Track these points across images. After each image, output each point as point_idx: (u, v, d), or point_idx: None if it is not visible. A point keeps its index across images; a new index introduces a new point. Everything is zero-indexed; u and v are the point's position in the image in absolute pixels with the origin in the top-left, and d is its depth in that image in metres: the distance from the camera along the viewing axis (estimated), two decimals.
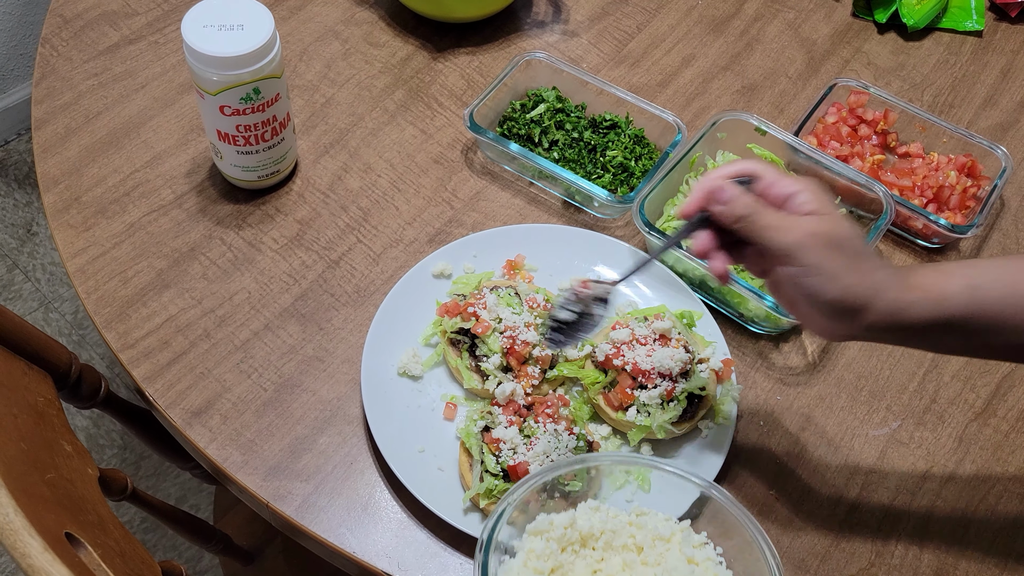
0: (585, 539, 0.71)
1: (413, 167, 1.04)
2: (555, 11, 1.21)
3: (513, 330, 0.84)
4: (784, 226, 0.64)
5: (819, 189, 0.67)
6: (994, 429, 0.89)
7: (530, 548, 0.70)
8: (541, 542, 0.70)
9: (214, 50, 0.84)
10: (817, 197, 0.66)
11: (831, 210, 0.65)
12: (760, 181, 0.67)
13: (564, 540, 0.71)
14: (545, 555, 0.69)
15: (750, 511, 0.82)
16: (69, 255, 0.94)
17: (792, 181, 0.67)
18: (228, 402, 0.86)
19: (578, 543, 0.72)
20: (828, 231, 0.63)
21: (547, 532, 0.71)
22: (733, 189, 0.66)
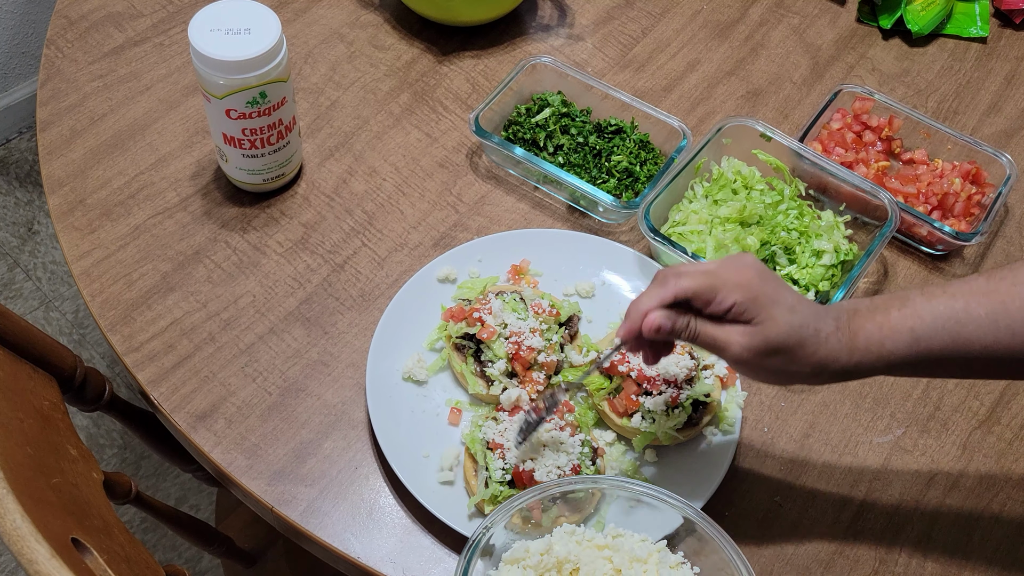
0: (561, 565, 0.71)
1: (418, 171, 1.04)
2: (560, 15, 1.21)
3: (518, 335, 0.84)
4: (720, 345, 0.68)
5: (754, 289, 0.67)
6: (998, 437, 0.89)
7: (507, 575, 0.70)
8: (518, 571, 0.70)
9: (221, 54, 0.84)
10: (750, 304, 0.67)
11: (767, 311, 0.67)
12: (695, 301, 0.69)
13: (540, 567, 0.71)
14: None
15: (754, 517, 0.82)
16: (74, 257, 0.94)
17: (727, 292, 0.67)
18: (233, 406, 0.86)
19: (555, 569, 0.71)
20: (760, 342, 0.67)
21: (523, 560, 0.71)
22: (669, 321, 0.68)
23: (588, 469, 0.79)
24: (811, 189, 1.00)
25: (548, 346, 0.85)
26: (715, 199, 0.98)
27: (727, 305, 0.67)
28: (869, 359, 0.68)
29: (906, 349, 0.67)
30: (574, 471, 0.77)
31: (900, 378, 0.92)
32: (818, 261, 0.93)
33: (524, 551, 0.71)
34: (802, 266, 0.93)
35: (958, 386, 0.92)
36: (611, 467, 0.83)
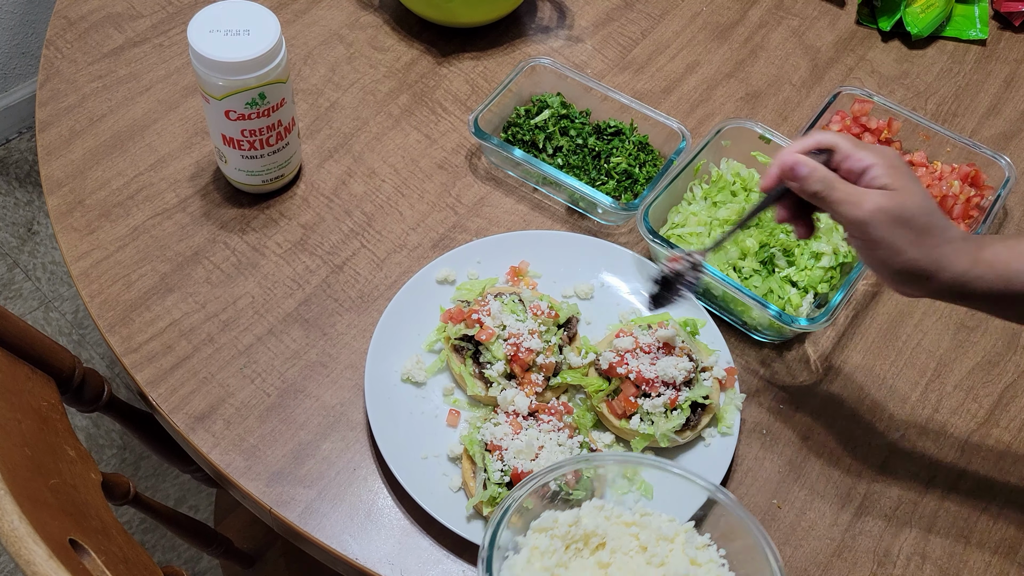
0: (588, 538, 0.72)
1: (417, 172, 1.04)
2: (560, 16, 1.21)
3: (517, 337, 0.84)
4: (852, 201, 0.67)
5: (894, 161, 0.68)
6: (996, 439, 0.89)
7: (534, 545, 0.70)
8: (545, 539, 0.70)
9: (220, 55, 0.84)
10: (890, 170, 0.67)
11: (903, 183, 0.67)
12: (836, 154, 0.69)
13: (568, 538, 0.71)
14: (549, 552, 0.70)
15: None
16: (73, 258, 0.94)
17: (868, 153, 0.68)
18: (231, 407, 0.86)
19: (582, 541, 0.72)
20: (895, 206, 0.66)
21: (551, 529, 0.71)
22: (808, 164, 0.69)
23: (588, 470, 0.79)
24: None
25: (547, 348, 0.85)
26: (714, 201, 0.98)
27: (867, 163, 0.67)
28: (990, 275, 0.67)
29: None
30: (575, 475, 0.77)
31: (899, 380, 0.92)
32: (817, 263, 0.93)
33: (553, 521, 0.71)
34: (801, 268, 0.93)
35: (956, 388, 0.92)
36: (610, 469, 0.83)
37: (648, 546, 0.71)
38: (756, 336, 0.93)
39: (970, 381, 0.92)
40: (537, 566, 0.69)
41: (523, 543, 0.71)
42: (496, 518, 0.69)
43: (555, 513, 0.72)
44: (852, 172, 0.69)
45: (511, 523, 0.71)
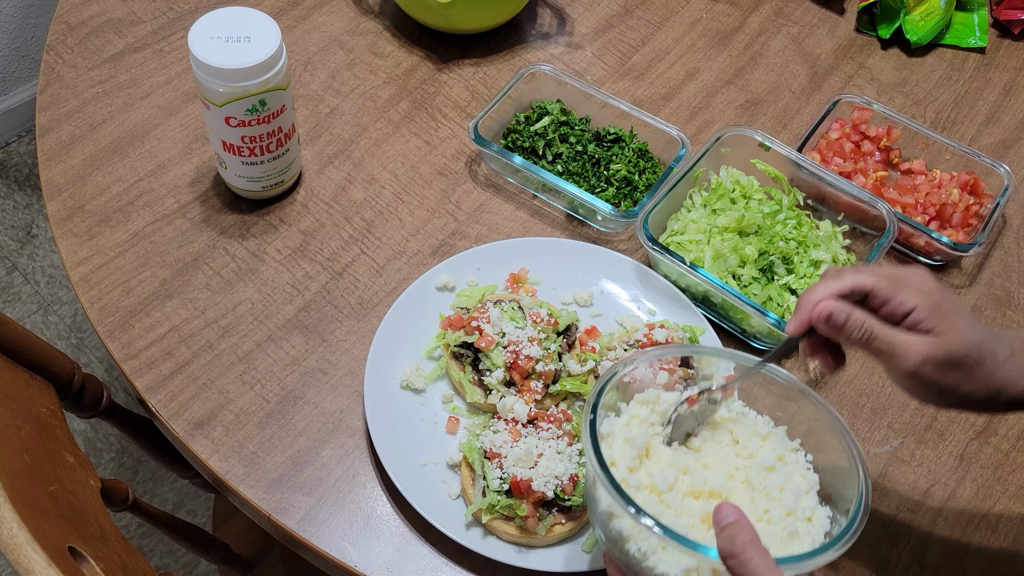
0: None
1: (417, 178, 1.04)
2: (560, 23, 1.21)
3: (516, 344, 0.85)
4: (898, 353, 0.65)
5: (936, 298, 0.65)
6: (995, 448, 0.89)
7: (635, 414, 0.72)
8: (646, 410, 0.73)
9: (220, 62, 0.84)
10: (933, 312, 0.65)
11: (948, 324, 0.65)
12: (874, 297, 0.66)
13: (665, 416, 0.73)
14: (647, 423, 0.72)
15: None
16: (73, 264, 0.94)
17: (908, 295, 0.65)
18: (231, 414, 0.86)
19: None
20: (943, 354, 0.64)
21: (653, 404, 0.73)
22: (843, 312, 0.66)
23: None
24: (809, 199, 1.00)
25: (546, 355, 0.85)
26: (713, 208, 0.98)
27: (908, 308, 0.65)
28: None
29: None
30: (571, 480, 0.77)
31: (897, 388, 0.92)
32: (816, 271, 0.93)
33: (656, 396, 0.73)
34: (800, 276, 0.93)
35: None
36: None
37: (740, 440, 0.73)
38: (755, 343, 0.93)
39: None
40: (635, 431, 0.71)
41: (624, 410, 0.73)
42: (607, 376, 0.71)
43: (659, 391, 0.74)
44: (893, 315, 0.66)
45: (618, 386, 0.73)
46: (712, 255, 0.94)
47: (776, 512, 0.68)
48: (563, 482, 0.77)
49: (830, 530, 0.68)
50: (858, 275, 0.67)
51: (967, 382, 0.65)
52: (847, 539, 0.63)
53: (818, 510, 0.69)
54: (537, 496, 0.77)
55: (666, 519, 0.66)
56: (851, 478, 0.68)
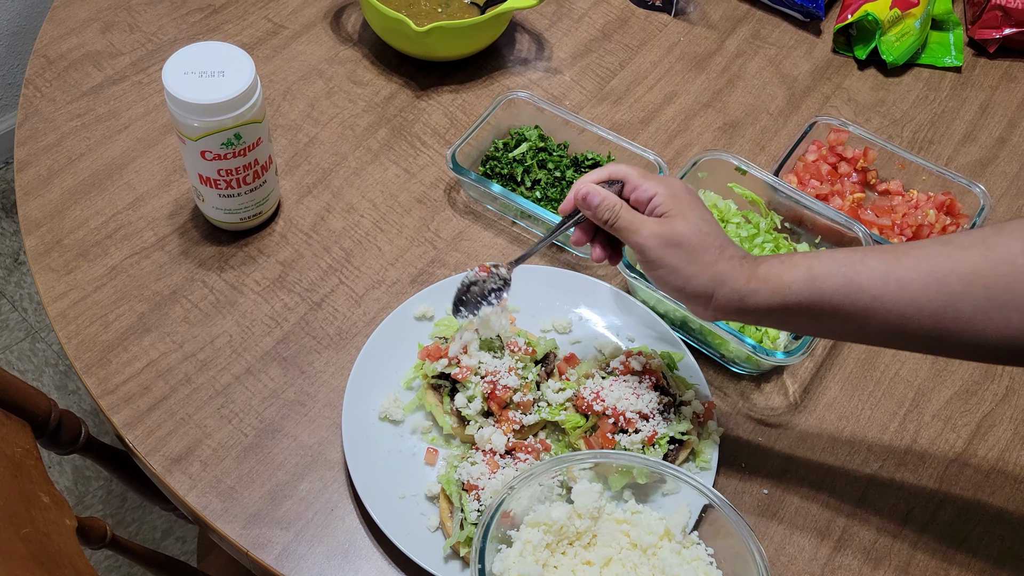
0: (581, 534, 0.75)
1: (396, 207, 1.04)
2: (538, 48, 1.21)
3: (494, 375, 0.84)
4: (633, 228, 0.74)
5: (676, 190, 0.75)
6: (975, 469, 0.89)
7: (527, 539, 0.73)
8: (538, 534, 0.74)
9: (194, 97, 0.85)
10: (670, 199, 0.74)
11: (679, 210, 0.74)
12: (626, 184, 0.77)
13: (560, 533, 0.74)
14: (540, 546, 0.73)
15: None
16: (50, 299, 0.94)
17: (652, 184, 0.75)
18: (208, 448, 0.86)
19: (574, 537, 0.75)
20: (667, 232, 0.73)
21: (544, 524, 0.74)
22: (599, 194, 0.76)
23: None
24: (787, 222, 1.00)
25: (524, 384, 0.85)
26: None
27: (651, 194, 0.75)
28: (765, 289, 0.71)
29: (802, 283, 0.69)
30: None
31: (877, 411, 0.92)
32: None
33: (546, 516, 0.74)
34: None
35: (935, 418, 0.92)
36: None
37: (638, 543, 0.74)
38: (734, 368, 0.93)
39: (948, 411, 0.93)
40: (529, 559, 0.72)
41: (515, 537, 0.74)
42: (490, 512, 0.72)
43: (548, 508, 0.75)
44: (640, 202, 0.76)
45: (502, 519, 0.73)
46: None
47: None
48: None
49: None
50: (617, 166, 0.78)
51: (690, 263, 0.72)
52: None
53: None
54: None
55: None
56: (751, 568, 0.70)
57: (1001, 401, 0.94)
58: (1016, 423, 0.92)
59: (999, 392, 0.94)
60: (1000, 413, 0.93)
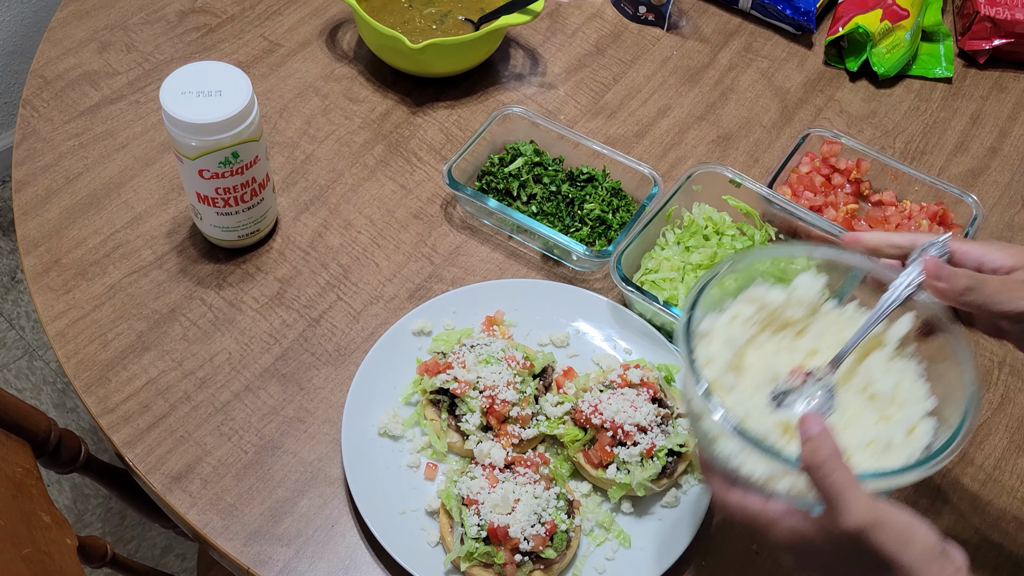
0: (793, 323, 0.73)
1: (393, 222, 1.05)
2: (532, 63, 1.22)
3: (492, 389, 0.85)
4: (1013, 289, 0.66)
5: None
6: (971, 478, 0.90)
7: (738, 312, 0.72)
8: (752, 308, 0.72)
9: (192, 117, 0.85)
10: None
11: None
12: (954, 256, 0.69)
13: (773, 317, 0.73)
14: (753, 321, 0.72)
15: (730, 566, 0.82)
16: (49, 319, 0.94)
17: (1002, 253, 0.68)
18: (208, 466, 0.86)
19: (785, 323, 0.73)
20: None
21: (760, 302, 0.72)
22: (946, 266, 0.67)
23: (564, 522, 0.79)
24: (781, 233, 1.01)
25: (522, 399, 0.86)
26: (687, 245, 0.99)
27: (1008, 264, 0.68)
28: None
29: None
30: (548, 531, 0.77)
31: None
32: None
33: (764, 295, 0.72)
34: None
35: None
36: (587, 519, 0.84)
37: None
38: None
39: None
40: (737, 327, 0.71)
41: (728, 306, 0.73)
42: (712, 273, 0.71)
43: (766, 289, 0.73)
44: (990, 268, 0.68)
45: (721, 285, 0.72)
46: (686, 292, 0.95)
47: (870, 417, 0.68)
48: (540, 532, 0.77)
49: (931, 443, 0.65)
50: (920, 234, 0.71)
51: None
52: (940, 459, 0.61)
53: (923, 423, 0.67)
54: (514, 543, 0.77)
55: (752, 422, 0.66)
56: (958, 394, 0.66)
57: (996, 410, 0.94)
58: (1012, 431, 0.93)
59: (994, 401, 0.95)
60: (996, 422, 0.93)
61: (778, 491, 0.64)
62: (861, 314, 0.73)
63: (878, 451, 0.67)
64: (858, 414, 0.70)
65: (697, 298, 0.69)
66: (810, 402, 0.70)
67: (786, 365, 0.71)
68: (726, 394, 0.68)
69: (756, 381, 0.70)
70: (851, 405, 0.70)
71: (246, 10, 1.24)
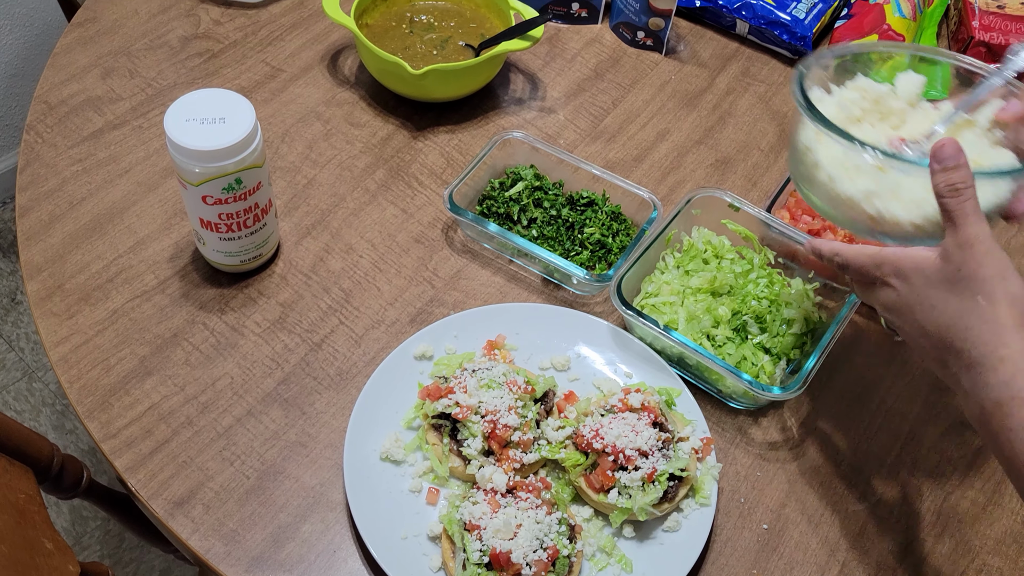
0: (893, 114, 0.82)
1: (394, 247, 1.06)
2: (532, 88, 1.23)
3: (494, 414, 0.85)
4: None
5: None
6: (971, 502, 0.90)
7: (846, 95, 0.81)
8: (856, 96, 0.81)
9: (196, 144, 0.86)
10: None
11: None
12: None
13: (876, 104, 0.82)
14: (856, 106, 0.81)
15: None
16: (52, 344, 0.94)
17: None
18: (211, 491, 0.86)
19: (886, 113, 0.82)
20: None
21: (863, 90, 0.82)
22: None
23: (566, 547, 0.79)
24: (780, 257, 1.01)
25: (524, 423, 0.86)
26: (686, 269, 1.00)
27: None
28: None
29: None
30: (552, 554, 0.78)
31: (874, 444, 0.93)
32: (788, 330, 0.95)
33: (867, 84, 0.82)
34: (773, 335, 0.95)
35: (930, 451, 0.93)
36: (589, 544, 0.84)
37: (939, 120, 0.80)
38: (732, 404, 0.94)
39: (943, 444, 0.94)
40: (847, 108, 0.80)
41: (836, 91, 0.82)
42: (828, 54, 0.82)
43: (869, 82, 0.83)
44: None
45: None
46: (686, 316, 0.95)
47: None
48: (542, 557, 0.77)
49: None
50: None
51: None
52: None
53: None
54: (517, 568, 0.77)
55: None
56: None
57: None
58: None
59: None
60: None
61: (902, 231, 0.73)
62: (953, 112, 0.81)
63: (988, 149, 0.78)
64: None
65: (811, 61, 0.80)
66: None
67: (885, 139, 0.80)
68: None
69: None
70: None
71: (248, 36, 1.25)
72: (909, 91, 0.83)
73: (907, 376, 0.98)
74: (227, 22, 1.27)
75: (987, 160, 0.77)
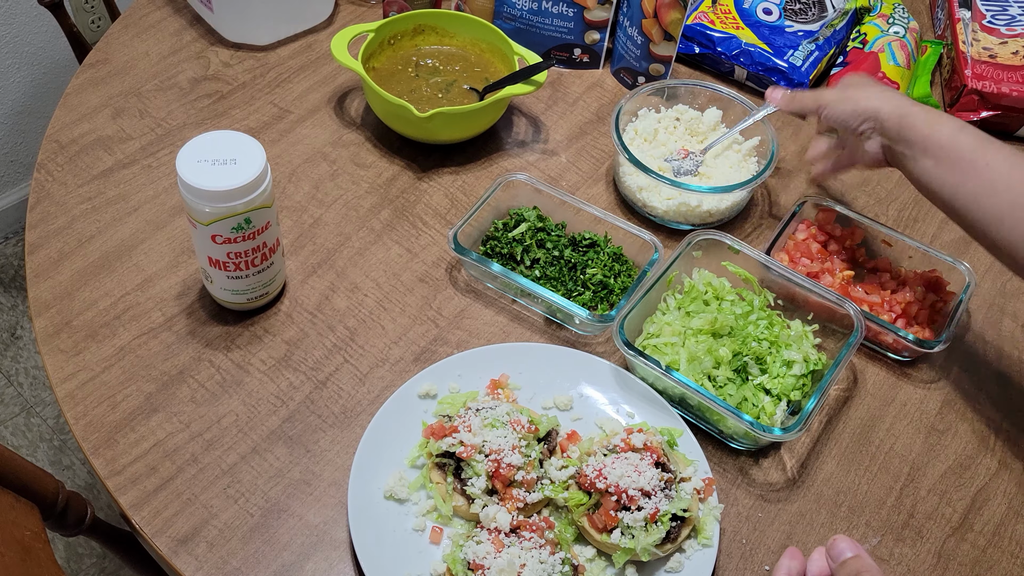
0: (695, 133, 1.23)
1: (399, 286, 1.07)
2: (535, 131, 1.26)
3: (498, 453, 0.86)
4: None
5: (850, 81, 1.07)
6: (971, 544, 0.90)
7: (669, 114, 1.24)
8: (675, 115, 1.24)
9: (207, 184, 0.88)
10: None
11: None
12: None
13: (686, 126, 1.24)
14: (672, 122, 1.24)
15: None
16: (59, 380, 0.95)
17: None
18: (215, 529, 0.87)
19: (690, 132, 1.24)
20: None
21: (683, 113, 1.24)
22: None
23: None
24: (780, 299, 1.03)
25: (527, 462, 0.87)
26: (687, 311, 1.01)
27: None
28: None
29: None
30: None
31: (874, 485, 0.93)
32: (788, 371, 0.96)
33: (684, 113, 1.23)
34: (773, 376, 0.96)
35: (930, 492, 0.94)
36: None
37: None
38: (733, 444, 0.95)
39: (943, 485, 0.94)
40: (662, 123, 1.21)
41: (663, 109, 1.22)
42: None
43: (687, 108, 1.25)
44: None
45: None
46: (687, 357, 0.96)
47: (723, 170, 1.20)
48: None
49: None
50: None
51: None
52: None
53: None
54: None
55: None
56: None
57: (994, 475, 0.95)
58: (1010, 497, 0.94)
59: (992, 466, 0.96)
60: (994, 487, 0.95)
61: None
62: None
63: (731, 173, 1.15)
64: (712, 169, 1.17)
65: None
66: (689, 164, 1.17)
67: (680, 146, 1.18)
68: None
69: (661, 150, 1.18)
70: (712, 165, 1.17)
71: (257, 78, 1.28)
72: (711, 119, 1.20)
73: (907, 418, 0.99)
74: (236, 64, 1.29)
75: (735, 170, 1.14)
